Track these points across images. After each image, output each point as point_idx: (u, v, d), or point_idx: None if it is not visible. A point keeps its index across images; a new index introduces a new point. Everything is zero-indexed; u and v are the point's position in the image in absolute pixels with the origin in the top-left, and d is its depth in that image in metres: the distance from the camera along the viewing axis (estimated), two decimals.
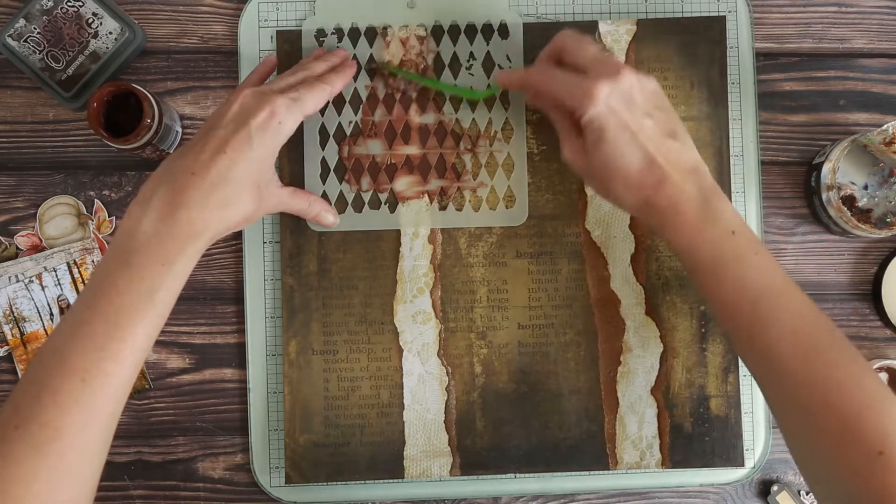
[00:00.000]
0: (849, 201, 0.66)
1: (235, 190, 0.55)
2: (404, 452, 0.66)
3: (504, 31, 0.67)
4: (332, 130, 0.67)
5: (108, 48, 0.66)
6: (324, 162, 0.67)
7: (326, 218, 0.65)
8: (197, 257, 0.55)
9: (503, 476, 0.67)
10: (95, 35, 0.65)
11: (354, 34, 0.67)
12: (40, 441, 0.48)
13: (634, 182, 0.55)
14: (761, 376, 0.54)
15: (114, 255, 0.53)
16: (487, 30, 0.67)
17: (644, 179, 0.55)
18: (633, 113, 0.55)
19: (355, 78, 0.66)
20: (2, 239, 0.68)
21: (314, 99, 0.59)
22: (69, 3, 0.65)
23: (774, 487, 0.67)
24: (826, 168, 0.64)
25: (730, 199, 0.67)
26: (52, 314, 0.67)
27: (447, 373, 0.67)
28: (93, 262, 0.67)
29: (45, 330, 0.67)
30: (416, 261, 0.67)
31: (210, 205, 0.54)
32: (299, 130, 0.65)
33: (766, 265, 0.54)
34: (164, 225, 0.53)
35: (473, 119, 0.67)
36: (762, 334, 0.52)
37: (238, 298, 0.68)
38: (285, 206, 0.62)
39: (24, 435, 0.48)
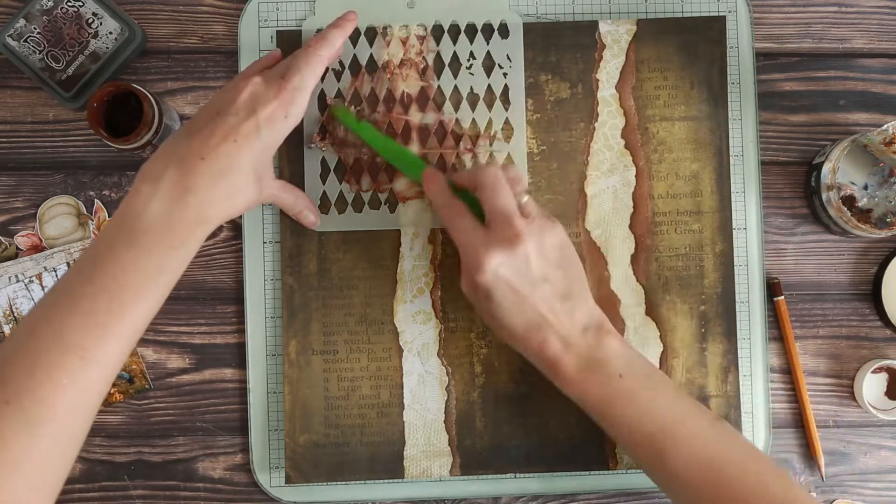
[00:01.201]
0: (849, 201, 0.66)
1: (242, 178, 0.55)
2: (404, 452, 0.66)
3: (504, 30, 0.67)
4: (332, 129, 0.67)
5: (108, 48, 0.66)
6: (324, 162, 0.67)
7: (307, 217, 0.65)
8: (202, 241, 0.55)
9: (503, 476, 0.67)
10: (95, 35, 0.65)
11: (354, 34, 0.67)
12: (34, 420, 0.47)
13: (520, 338, 0.58)
14: (672, 497, 0.57)
15: (118, 233, 0.52)
16: (487, 30, 0.67)
17: (529, 337, 0.57)
18: (523, 281, 0.56)
19: (354, 43, 0.66)
20: (2, 239, 0.68)
21: (314, 72, 0.59)
22: (69, 3, 0.65)
23: None
24: (826, 168, 0.64)
25: (730, 199, 0.67)
26: None
27: (447, 373, 0.67)
28: None
29: None
30: (416, 261, 0.67)
31: (218, 192, 0.54)
32: (300, 130, 0.65)
33: (659, 399, 0.56)
34: (175, 208, 0.52)
35: (473, 119, 0.67)
36: (663, 464, 0.55)
37: (238, 298, 0.68)
38: (275, 199, 0.62)
39: (16, 411, 0.46)
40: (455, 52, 0.67)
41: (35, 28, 0.65)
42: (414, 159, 0.65)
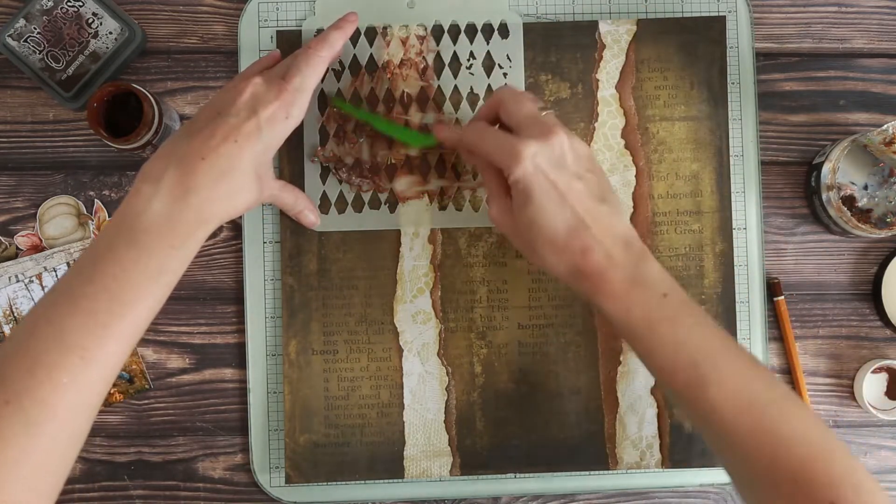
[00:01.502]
0: (849, 201, 0.66)
1: (242, 178, 0.55)
2: (404, 452, 0.66)
3: (504, 30, 0.67)
4: (332, 130, 0.67)
5: (108, 48, 0.65)
6: (324, 162, 0.67)
7: (308, 217, 0.65)
8: (203, 241, 0.54)
9: (503, 476, 0.67)
10: (95, 35, 0.65)
11: (354, 34, 0.67)
12: (33, 420, 0.46)
13: (561, 246, 0.54)
14: (708, 435, 0.54)
15: (118, 232, 0.52)
16: (487, 30, 0.67)
17: (571, 243, 0.54)
18: (561, 174, 0.54)
19: (354, 43, 0.66)
20: (2, 239, 0.68)
21: (315, 73, 0.59)
22: (69, 3, 0.65)
23: None
24: (826, 168, 0.64)
25: (730, 199, 0.67)
26: None
27: (447, 373, 0.67)
28: None
29: None
30: (416, 261, 0.67)
31: (219, 192, 0.54)
32: (300, 131, 0.65)
33: (702, 325, 0.53)
34: (175, 208, 0.52)
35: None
36: (704, 395, 0.51)
37: (238, 298, 0.68)
38: (275, 199, 0.62)
39: (16, 411, 0.46)
40: (455, 52, 0.67)
41: (35, 28, 0.65)
42: (417, 133, 0.65)
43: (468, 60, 0.67)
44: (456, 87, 0.67)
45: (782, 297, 0.68)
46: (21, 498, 0.46)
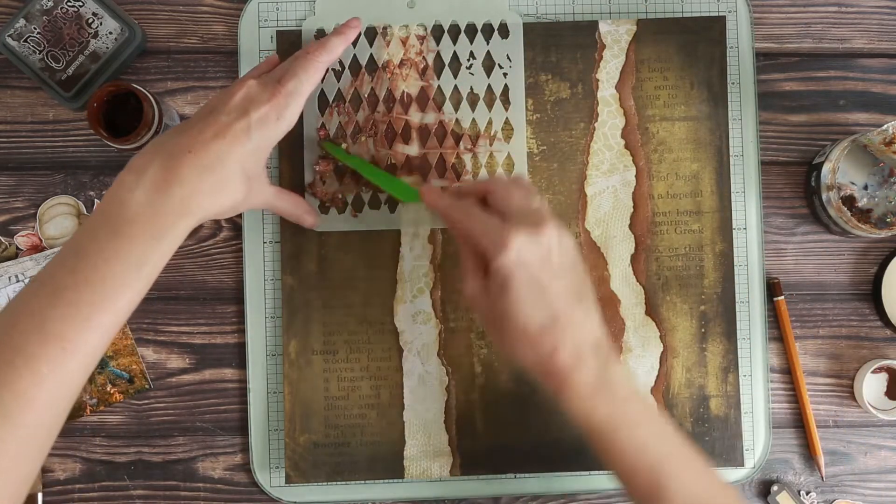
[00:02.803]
0: (849, 201, 0.66)
1: (228, 176, 0.55)
2: (404, 452, 0.66)
3: (504, 30, 0.67)
4: (332, 130, 0.67)
5: (108, 48, 0.66)
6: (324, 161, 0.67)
7: (307, 219, 0.65)
8: (185, 235, 0.54)
9: (503, 476, 0.67)
10: (95, 35, 0.65)
11: None
12: (12, 411, 0.46)
13: (532, 339, 0.53)
14: None
15: (101, 222, 0.51)
16: (487, 29, 0.67)
17: (542, 340, 0.53)
18: (544, 271, 0.53)
19: (354, 43, 0.65)
20: (2, 239, 0.68)
21: (311, 78, 0.59)
22: (69, 3, 0.65)
23: (774, 487, 0.67)
24: (826, 168, 0.64)
25: (730, 199, 0.67)
26: None
27: (447, 373, 0.67)
28: None
29: None
30: (416, 261, 0.67)
31: (203, 185, 0.53)
32: (300, 130, 0.65)
33: (663, 431, 0.54)
34: (158, 198, 0.52)
35: (473, 119, 0.67)
36: (664, 500, 0.53)
37: (238, 298, 0.68)
38: (270, 205, 0.62)
39: None
40: (455, 52, 0.67)
41: (35, 28, 0.65)
42: (406, 185, 0.64)
43: (468, 60, 0.67)
44: (456, 87, 0.67)
45: (782, 297, 0.68)
46: (2, 485, 0.46)
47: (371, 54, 0.67)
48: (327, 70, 0.64)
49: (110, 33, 0.66)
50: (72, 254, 0.51)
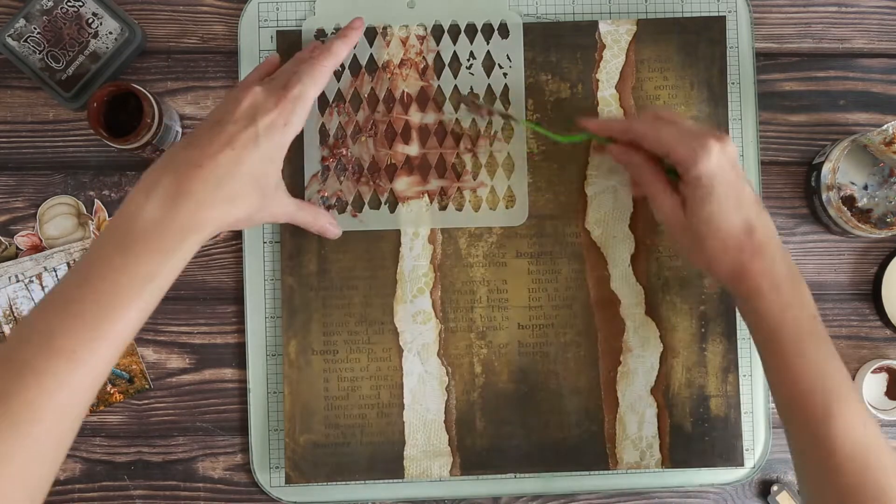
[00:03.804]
0: (849, 201, 0.66)
1: (239, 187, 0.55)
2: (404, 452, 0.66)
3: (504, 30, 0.67)
4: (332, 130, 0.67)
5: (108, 48, 0.66)
6: (323, 162, 0.67)
7: (330, 230, 0.65)
8: (196, 249, 0.54)
9: (503, 476, 0.67)
10: (95, 35, 0.65)
11: None
12: (20, 420, 0.46)
13: (733, 244, 0.55)
14: (808, 460, 0.54)
15: (111, 238, 0.52)
16: (487, 29, 0.67)
17: (743, 244, 0.55)
18: (738, 177, 0.56)
19: (357, 45, 0.65)
20: (2, 239, 0.68)
21: (316, 83, 0.59)
22: (69, 3, 0.65)
23: (774, 487, 0.67)
24: (826, 168, 0.64)
25: None
26: None
27: (447, 373, 0.67)
28: None
29: None
30: (416, 261, 0.67)
31: (214, 198, 0.54)
32: (300, 136, 0.65)
33: (836, 357, 0.55)
34: (167, 213, 0.52)
35: (473, 119, 0.67)
36: (826, 424, 0.52)
37: (238, 298, 0.68)
38: (291, 218, 0.62)
39: (3, 413, 0.46)
40: (455, 52, 0.67)
41: (35, 28, 0.65)
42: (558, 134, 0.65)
43: (468, 60, 0.67)
44: (456, 87, 0.67)
45: None
46: (9, 494, 0.46)
47: (371, 54, 0.67)
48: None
49: (110, 33, 0.66)
50: (83, 268, 0.51)
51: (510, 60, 0.67)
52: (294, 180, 0.66)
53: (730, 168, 0.56)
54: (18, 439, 0.46)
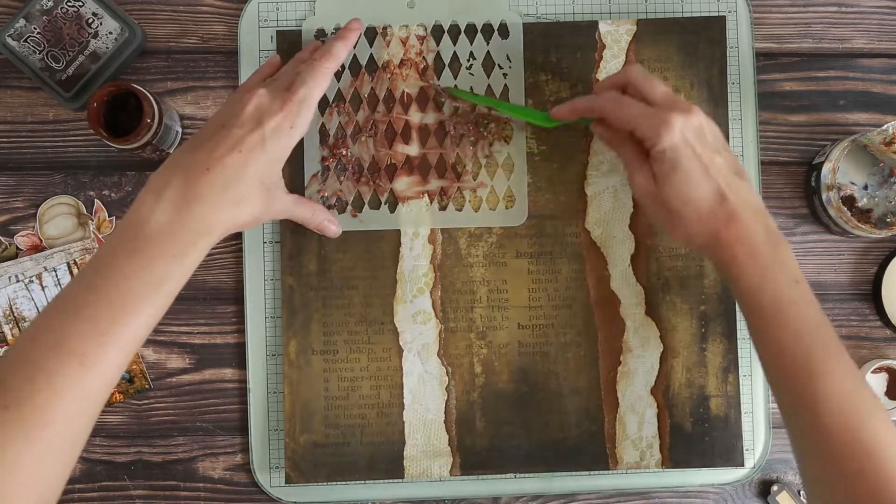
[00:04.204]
0: (849, 201, 0.66)
1: (247, 189, 0.55)
2: (404, 452, 0.66)
3: (504, 30, 0.67)
4: (332, 130, 0.67)
5: (108, 48, 0.66)
6: (323, 161, 0.67)
7: (329, 228, 0.65)
8: (205, 252, 0.54)
9: (503, 476, 0.67)
10: (95, 35, 0.65)
11: None
12: (31, 425, 0.46)
13: (705, 214, 0.56)
14: (797, 427, 0.54)
15: (121, 241, 0.52)
16: (487, 30, 0.67)
17: (716, 213, 0.55)
18: (705, 147, 0.56)
19: (355, 45, 0.65)
20: (2, 239, 0.68)
21: (319, 85, 0.59)
22: (69, 3, 0.65)
23: (774, 487, 0.67)
24: (826, 168, 0.64)
25: None
26: None
27: (447, 373, 0.67)
28: None
29: None
30: (416, 261, 0.67)
31: (223, 201, 0.54)
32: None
33: (821, 320, 0.54)
34: (178, 217, 0.52)
35: (473, 119, 0.67)
36: (811, 386, 0.52)
37: (238, 298, 0.68)
38: (290, 214, 0.62)
39: (14, 417, 0.46)
40: (455, 52, 0.67)
41: (35, 28, 0.65)
42: (540, 113, 0.65)
43: (468, 60, 0.67)
44: (456, 87, 0.67)
45: None
46: (19, 500, 0.46)
47: (371, 54, 0.67)
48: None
49: (110, 33, 0.66)
50: (92, 272, 0.51)
51: (510, 60, 0.67)
52: (294, 180, 0.66)
53: (695, 139, 0.55)
54: (29, 444, 0.46)
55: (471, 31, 0.67)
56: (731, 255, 0.55)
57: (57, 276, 0.67)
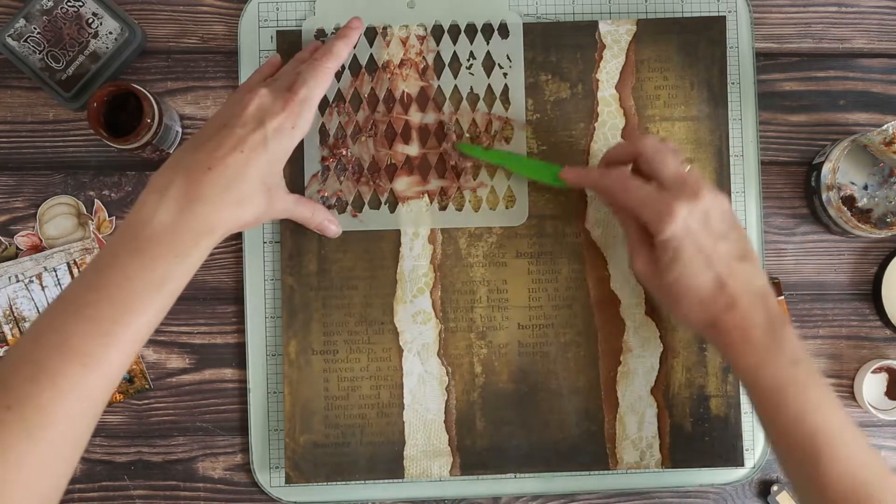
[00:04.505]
0: (849, 201, 0.66)
1: (249, 189, 0.55)
2: (404, 452, 0.66)
3: (504, 30, 0.67)
4: (332, 130, 0.67)
5: (108, 48, 0.66)
6: (323, 161, 0.67)
7: (329, 228, 0.65)
8: (207, 253, 0.54)
9: (503, 476, 0.67)
10: (95, 35, 0.65)
11: None
12: (33, 425, 0.46)
13: (706, 300, 0.55)
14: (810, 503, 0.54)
15: (124, 241, 0.52)
16: (487, 30, 0.67)
17: (716, 298, 0.55)
18: (708, 236, 0.55)
19: (355, 45, 0.65)
20: (2, 239, 0.68)
21: (321, 85, 0.59)
22: (69, 3, 0.65)
23: (774, 487, 0.67)
24: (826, 168, 0.64)
25: (730, 198, 0.67)
26: None
27: (447, 373, 0.67)
28: None
29: None
30: (416, 261, 0.67)
31: (225, 201, 0.54)
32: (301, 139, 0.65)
33: (826, 399, 0.54)
34: (181, 217, 0.52)
35: (473, 119, 0.67)
36: (817, 468, 0.52)
37: (238, 298, 0.68)
38: (290, 214, 0.62)
39: (16, 417, 0.46)
40: (455, 52, 0.67)
41: (35, 28, 0.65)
42: (546, 165, 0.65)
43: (468, 60, 0.67)
44: (456, 87, 0.67)
45: (782, 297, 0.68)
46: (21, 501, 0.46)
47: (371, 54, 0.67)
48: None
49: (110, 33, 0.66)
50: (94, 272, 0.51)
51: (510, 60, 0.67)
52: (294, 180, 0.66)
53: (698, 227, 0.55)
54: (30, 445, 0.46)
55: (471, 30, 0.67)
56: (729, 339, 0.55)
57: (57, 276, 0.67)
